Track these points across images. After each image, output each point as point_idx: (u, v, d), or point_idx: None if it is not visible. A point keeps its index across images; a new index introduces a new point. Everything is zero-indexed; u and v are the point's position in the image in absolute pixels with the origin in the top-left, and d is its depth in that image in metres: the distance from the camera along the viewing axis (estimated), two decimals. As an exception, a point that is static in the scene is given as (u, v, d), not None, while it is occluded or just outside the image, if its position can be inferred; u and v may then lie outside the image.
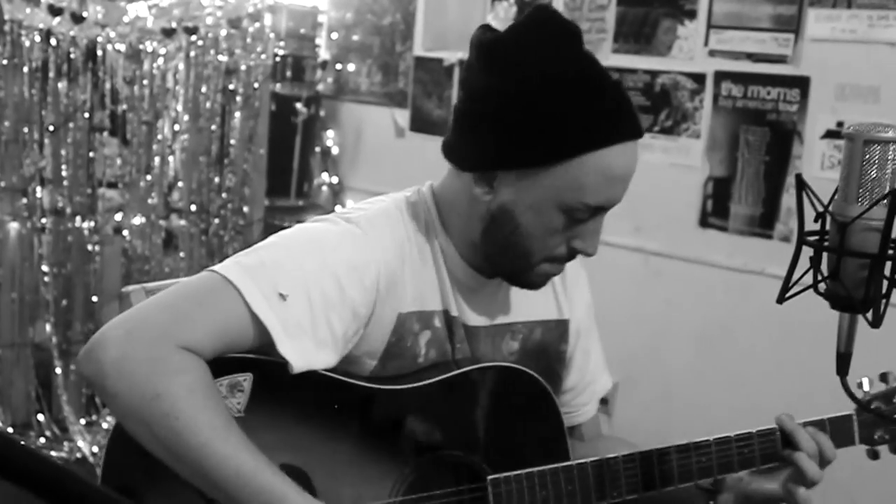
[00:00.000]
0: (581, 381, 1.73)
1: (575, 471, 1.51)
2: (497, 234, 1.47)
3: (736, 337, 3.48)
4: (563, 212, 1.42)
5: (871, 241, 1.19)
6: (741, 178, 3.44)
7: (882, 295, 1.21)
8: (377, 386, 1.47)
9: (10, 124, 3.74)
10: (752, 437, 1.58)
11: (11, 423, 3.84)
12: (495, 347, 1.60)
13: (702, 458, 1.56)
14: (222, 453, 1.29)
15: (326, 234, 1.45)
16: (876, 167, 1.18)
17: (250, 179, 4.27)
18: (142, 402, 1.29)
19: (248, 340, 1.37)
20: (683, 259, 3.62)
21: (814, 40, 3.25)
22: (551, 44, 1.42)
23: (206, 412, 1.30)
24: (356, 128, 4.83)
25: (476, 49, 1.46)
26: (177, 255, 4.18)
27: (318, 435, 1.44)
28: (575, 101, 1.39)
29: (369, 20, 4.68)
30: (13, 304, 3.86)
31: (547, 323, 1.66)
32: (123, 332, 1.32)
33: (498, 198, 1.45)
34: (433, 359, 1.53)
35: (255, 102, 4.21)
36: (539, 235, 1.44)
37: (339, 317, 1.40)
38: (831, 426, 1.61)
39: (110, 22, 3.88)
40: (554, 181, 1.40)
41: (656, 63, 3.65)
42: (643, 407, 3.73)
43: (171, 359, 1.30)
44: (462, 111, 1.49)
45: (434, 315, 1.52)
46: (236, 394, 1.38)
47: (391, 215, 1.51)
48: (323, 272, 1.40)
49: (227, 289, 1.35)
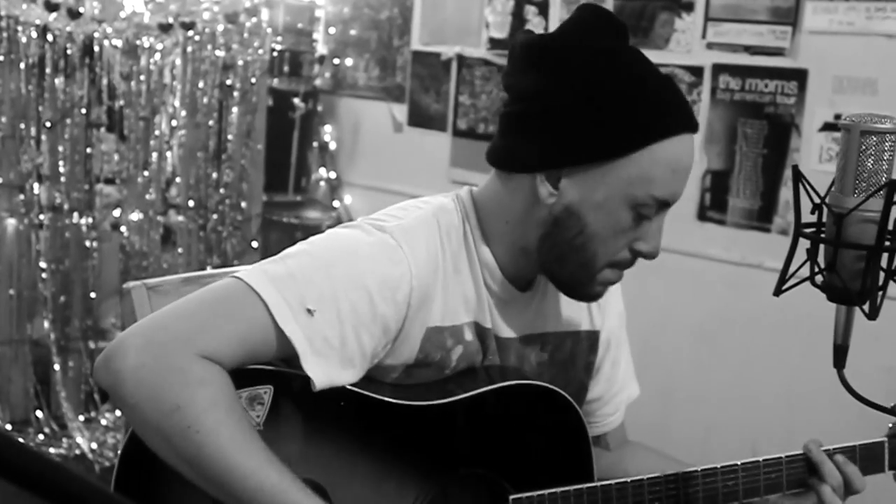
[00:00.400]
0: (608, 391, 1.70)
1: (599, 492, 1.46)
2: (560, 238, 1.41)
3: (734, 330, 3.47)
4: (631, 208, 1.38)
5: (868, 233, 1.18)
6: (739, 172, 3.44)
7: (878, 287, 1.20)
8: (399, 401, 1.42)
9: (6, 120, 3.73)
10: (780, 463, 1.54)
11: (10, 420, 3.84)
12: (524, 358, 1.56)
13: (728, 482, 1.52)
14: (245, 468, 1.25)
15: (359, 245, 1.39)
16: (872, 158, 1.18)
17: (248, 175, 4.26)
18: (161, 413, 1.25)
19: (271, 352, 1.33)
20: (682, 252, 3.61)
21: (811, 32, 3.25)
22: (605, 39, 1.40)
23: (228, 426, 1.26)
24: (354, 123, 4.82)
25: (524, 49, 1.43)
26: (175, 250, 4.17)
27: (337, 449, 1.40)
28: (640, 92, 1.38)
29: (366, 14, 4.67)
30: (11, 301, 3.85)
31: (578, 334, 1.62)
32: (143, 341, 1.28)
33: (563, 198, 1.40)
34: (461, 370, 1.49)
35: (252, 98, 4.21)
36: (606, 237, 1.39)
37: (369, 333, 1.36)
38: (861, 452, 1.57)
39: (107, 17, 3.87)
40: (623, 174, 1.36)
41: (654, 56, 3.56)
42: (642, 400, 3.70)
43: (193, 369, 1.26)
44: (516, 114, 1.44)
45: (465, 328, 1.47)
46: (256, 406, 1.34)
47: (428, 225, 1.44)
48: (354, 286, 1.34)
49: (253, 299, 1.31)
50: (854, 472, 1.53)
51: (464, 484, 1.48)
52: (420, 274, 1.39)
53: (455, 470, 1.47)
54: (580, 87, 1.37)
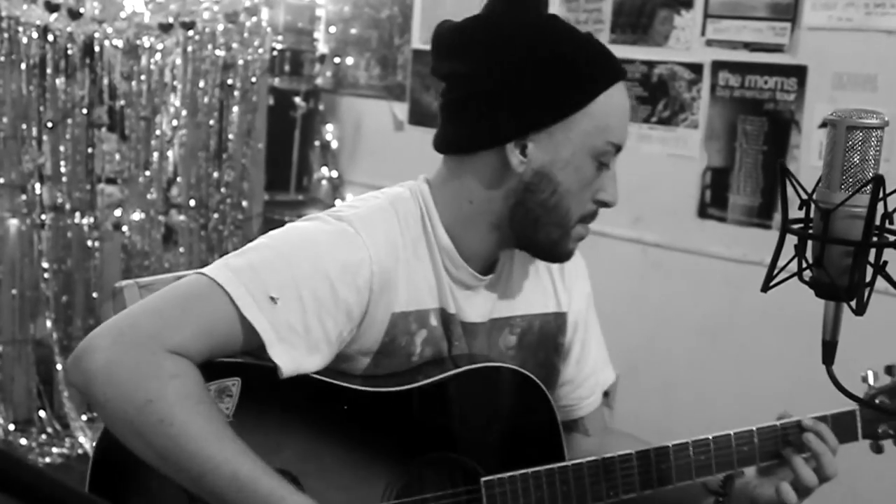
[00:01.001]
0: (579, 373, 1.72)
1: (570, 471, 1.50)
2: (534, 201, 1.47)
3: (735, 327, 3.47)
4: (594, 158, 1.46)
5: (855, 228, 1.18)
6: (739, 169, 3.43)
7: (866, 283, 1.20)
8: (368, 388, 1.45)
9: (8, 121, 3.74)
10: (751, 436, 1.57)
11: (13, 420, 3.85)
12: (491, 343, 1.58)
13: (700, 456, 1.55)
14: (218, 459, 1.27)
15: (318, 234, 1.43)
16: (858, 153, 1.17)
17: (249, 174, 4.27)
18: (133, 408, 1.27)
19: (237, 344, 1.36)
20: (682, 250, 3.61)
21: (811, 29, 3.24)
22: (529, 10, 1.49)
23: (200, 418, 1.28)
24: (355, 121, 4.82)
25: (457, 35, 1.50)
26: (176, 250, 4.18)
27: (307, 438, 1.42)
28: (579, 49, 1.46)
29: (367, 13, 4.67)
30: (13, 301, 3.86)
31: (545, 316, 1.65)
32: (111, 338, 1.31)
33: (533, 163, 1.45)
34: (428, 356, 1.51)
35: (252, 97, 4.21)
36: (576, 191, 1.47)
37: (332, 319, 1.39)
38: (833, 422, 1.60)
39: (107, 17, 3.87)
40: (583, 127, 1.44)
41: (653, 53, 3.63)
42: (644, 398, 3.72)
43: (162, 363, 1.29)
44: (464, 97, 1.49)
45: (430, 313, 1.50)
46: (225, 398, 1.36)
47: (385, 213, 1.48)
48: (315, 274, 1.38)
49: (217, 292, 1.33)
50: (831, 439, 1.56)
51: (435, 468, 1.50)
52: (380, 259, 1.42)
53: (426, 455, 1.49)
54: (527, 54, 1.44)
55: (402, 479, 1.47)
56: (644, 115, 3.67)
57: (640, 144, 3.69)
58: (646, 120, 3.66)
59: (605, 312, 3.76)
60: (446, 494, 1.49)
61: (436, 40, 1.52)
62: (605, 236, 3.82)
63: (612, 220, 3.80)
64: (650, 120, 3.65)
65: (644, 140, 3.68)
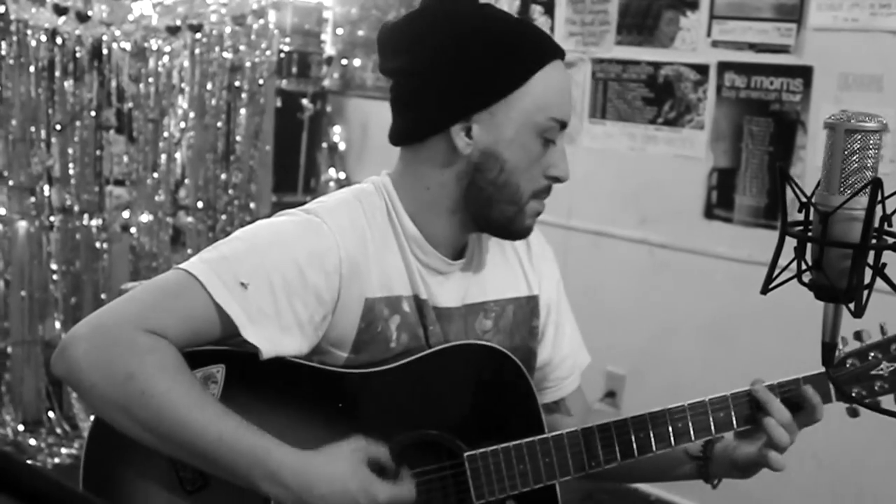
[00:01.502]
0: (556, 354, 1.76)
1: (551, 443, 1.54)
2: (484, 181, 1.51)
3: (741, 328, 3.47)
4: (538, 135, 1.51)
5: (854, 231, 1.18)
6: (745, 169, 3.44)
7: (865, 285, 1.21)
8: (349, 370, 1.50)
9: (17, 123, 3.77)
10: (726, 400, 1.62)
11: (22, 420, 3.88)
12: (468, 327, 1.63)
13: (678, 423, 1.60)
14: (202, 422, 1.33)
15: (285, 226, 1.49)
16: (857, 157, 1.18)
17: (256, 176, 4.28)
18: (116, 385, 1.33)
19: (214, 330, 1.41)
20: (688, 251, 3.62)
21: (816, 29, 3.24)
22: (461, 2, 1.55)
23: (179, 386, 1.35)
24: (362, 123, 4.84)
25: (397, 32, 1.56)
26: (184, 251, 4.20)
27: (292, 421, 1.46)
28: (514, 30, 1.53)
29: (374, 16, 4.68)
30: (23, 302, 3.89)
31: (518, 300, 1.69)
32: (91, 327, 1.38)
33: (479, 144, 1.50)
34: (405, 343, 1.55)
35: (260, 99, 4.23)
36: (524, 168, 1.51)
37: (302, 302, 1.44)
38: (805, 383, 1.64)
39: (115, 20, 3.90)
40: (523, 105, 1.49)
41: (659, 54, 3.64)
42: (650, 398, 3.70)
43: (139, 340, 1.35)
44: (410, 89, 1.55)
45: (402, 300, 1.55)
46: (210, 385, 1.42)
47: (350, 204, 1.54)
48: (284, 260, 1.43)
49: (191, 282, 1.39)
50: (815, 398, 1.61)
51: (418, 446, 1.53)
52: (346, 245, 1.47)
53: (409, 433, 1.52)
54: (461, 42, 1.50)
55: None
56: (650, 116, 3.67)
57: (646, 145, 3.70)
58: (652, 121, 3.67)
59: (611, 312, 3.80)
60: (430, 470, 1.53)
61: (380, 40, 1.58)
62: (611, 237, 3.83)
63: (618, 221, 3.82)
64: (656, 121, 3.66)
65: (650, 141, 3.69)
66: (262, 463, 1.34)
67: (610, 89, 3.76)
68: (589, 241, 3.86)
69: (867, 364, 1.66)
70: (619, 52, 3.74)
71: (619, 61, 3.73)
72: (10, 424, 3.84)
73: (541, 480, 1.54)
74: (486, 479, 1.51)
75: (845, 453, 1.63)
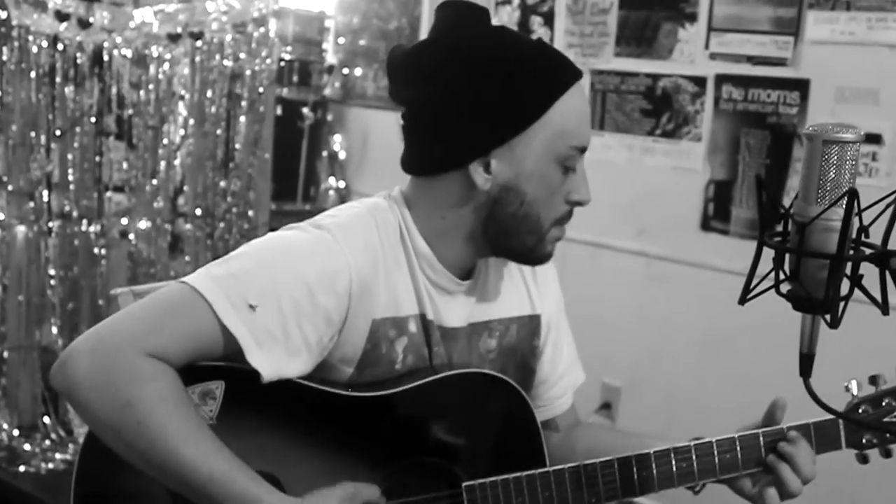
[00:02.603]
0: (553, 373, 1.74)
1: (552, 477, 1.51)
2: (503, 214, 1.48)
3: (738, 341, 3.46)
4: (559, 164, 1.47)
5: (831, 242, 1.18)
6: (742, 182, 3.44)
7: (842, 296, 1.20)
8: (350, 393, 1.47)
9: (17, 128, 3.77)
10: (734, 442, 1.58)
11: (18, 425, 3.88)
12: (472, 347, 1.60)
13: (682, 463, 1.56)
14: (194, 459, 1.30)
15: (296, 242, 1.45)
16: (835, 168, 1.18)
17: (255, 184, 4.28)
18: (113, 411, 1.30)
19: (218, 350, 1.37)
20: (685, 263, 3.61)
21: (813, 42, 3.24)
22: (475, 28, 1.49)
23: (176, 419, 1.31)
24: (363, 132, 4.85)
25: (410, 60, 1.51)
26: (182, 258, 4.20)
27: (290, 441, 1.44)
28: (530, 59, 1.47)
29: (375, 25, 4.69)
30: (20, 307, 3.89)
31: (521, 319, 1.67)
32: (92, 344, 1.33)
33: (498, 179, 1.47)
34: (411, 364, 1.53)
35: (260, 107, 4.23)
36: (545, 199, 1.48)
37: (311, 324, 1.40)
38: (816, 430, 1.61)
39: (116, 27, 3.91)
40: (543, 136, 1.45)
41: (658, 66, 3.64)
42: (646, 411, 3.72)
43: (140, 367, 1.31)
44: (423, 122, 1.50)
45: (409, 320, 1.52)
46: (208, 401, 1.39)
47: (364, 221, 1.50)
48: (293, 280, 1.39)
49: (197, 300, 1.35)
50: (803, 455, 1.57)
51: (417, 472, 1.51)
52: (358, 265, 1.43)
53: (408, 459, 1.50)
54: (477, 75, 1.44)
55: (385, 484, 1.48)
56: (648, 127, 3.68)
57: (643, 157, 3.70)
58: (650, 133, 3.67)
59: (608, 324, 3.79)
60: (428, 499, 1.51)
61: (390, 66, 1.54)
62: (608, 248, 3.82)
63: (615, 232, 3.81)
64: (654, 133, 3.66)
65: (648, 153, 3.69)
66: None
67: (608, 101, 3.77)
68: (586, 252, 3.86)
69: (880, 411, 1.64)
70: (618, 63, 3.75)
71: (618, 73, 3.74)
72: (6, 429, 3.84)
73: None
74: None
75: (839, 460, 1.62)
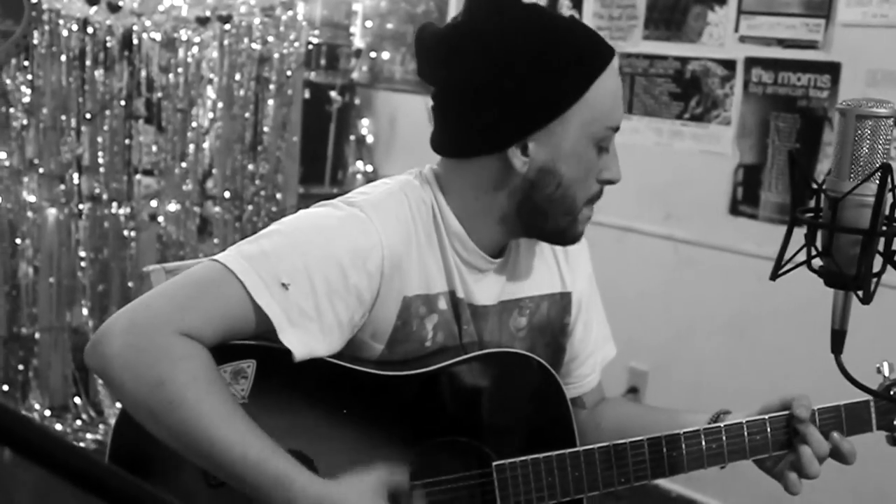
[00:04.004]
0: (582, 351, 1.74)
1: (581, 457, 1.50)
2: (540, 196, 1.48)
3: (765, 325, 3.45)
4: (594, 145, 1.47)
5: (864, 217, 1.18)
6: (771, 166, 3.42)
7: (875, 272, 1.20)
8: (381, 372, 1.47)
9: (48, 112, 3.81)
10: (764, 424, 1.57)
11: (49, 406, 3.93)
12: (502, 325, 1.60)
13: (712, 444, 1.55)
14: (228, 439, 1.29)
15: (329, 220, 1.44)
16: (868, 143, 1.17)
17: (283, 167, 4.30)
18: (146, 390, 1.30)
19: (250, 328, 1.37)
20: (713, 247, 3.60)
21: (844, 25, 3.21)
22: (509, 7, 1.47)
23: (210, 398, 1.30)
24: (390, 116, 4.85)
25: (443, 40, 1.49)
26: (211, 241, 4.23)
27: (321, 420, 1.44)
28: (567, 39, 1.45)
29: (403, 8, 4.69)
30: (51, 289, 3.93)
31: (552, 296, 1.67)
32: (126, 323, 1.33)
33: (536, 162, 1.46)
34: (441, 342, 1.53)
35: (288, 90, 4.25)
36: (581, 179, 1.48)
37: (343, 303, 1.40)
38: (847, 412, 1.60)
39: (146, 11, 3.93)
40: (580, 118, 1.44)
41: (687, 50, 3.62)
42: (673, 395, 3.71)
43: (174, 346, 1.31)
44: (458, 103, 1.48)
45: (439, 297, 1.52)
46: (240, 380, 1.39)
47: (397, 198, 1.49)
48: (326, 259, 1.39)
49: (229, 278, 1.35)
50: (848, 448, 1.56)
51: (447, 452, 1.51)
52: (391, 243, 1.43)
53: (438, 438, 1.50)
54: (511, 57, 1.43)
55: (415, 463, 1.49)
56: (677, 111, 3.66)
57: (672, 141, 3.69)
58: (678, 116, 3.66)
59: (635, 308, 3.78)
60: (458, 478, 1.50)
61: (420, 46, 1.51)
62: (636, 232, 3.82)
63: (643, 217, 3.80)
64: (683, 116, 3.64)
65: (676, 136, 3.67)
66: (283, 489, 1.29)
67: (637, 84, 3.75)
68: (614, 236, 3.85)
69: None
70: (647, 46, 3.73)
71: (647, 56, 3.72)
72: (37, 409, 3.89)
73: (568, 494, 1.50)
74: (513, 489, 1.48)
75: (867, 450, 1.61)
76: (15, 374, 3.89)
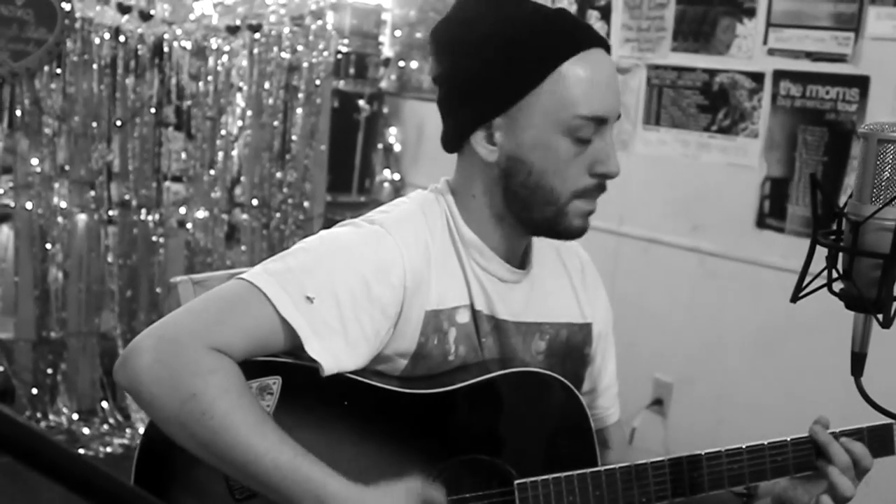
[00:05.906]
0: (601, 383, 1.74)
1: (603, 476, 1.50)
2: (516, 185, 1.49)
3: (791, 339, 3.43)
4: (565, 134, 1.45)
5: (884, 241, 1.18)
6: (799, 179, 3.40)
7: (895, 296, 1.20)
8: (404, 390, 1.48)
9: (79, 119, 3.85)
10: (786, 446, 1.57)
11: (77, 410, 3.96)
12: (525, 345, 1.60)
13: (733, 465, 1.55)
14: (259, 449, 1.30)
15: (351, 237, 1.47)
16: (890, 167, 1.18)
17: (311, 175, 4.33)
18: (177, 403, 1.31)
19: (278, 343, 1.39)
20: (739, 260, 3.59)
21: (874, 39, 3.20)
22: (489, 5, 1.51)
23: (240, 409, 1.32)
24: (418, 125, 4.87)
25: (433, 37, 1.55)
26: (238, 248, 4.26)
27: (344, 437, 1.45)
28: (528, 27, 1.46)
29: (432, 18, 4.71)
30: (80, 294, 3.97)
31: (571, 326, 1.67)
32: (156, 339, 1.35)
33: (503, 150, 1.48)
34: (463, 355, 1.53)
35: (316, 99, 4.27)
36: (555, 169, 1.46)
37: (368, 316, 1.42)
38: (869, 435, 1.59)
39: (177, 19, 3.97)
40: (541, 106, 1.45)
41: (715, 62, 3.61)
42: (698, 408, 3.70)
43: (204, 359, 1.33)
44: (441, 99, 1.55)
45: (459, 310, 1.53)
46: (266, 396, 1.40)
47: (414, 216, 1.52)
48: (350, 273, 1.41)
49: (256, 294, 1.38)
50: (860, 449, 1.56)
51: (469, 470, 1.51)
52: (411, 259, 1.46)
53: (460, 456, 1.50)
54: (476, 47, 1.46)
55: (437, 480, 1.48)
56: (704, 123, 3.65)
57: (699, 153, 3.68)
58: (706, 128, 3.65)
59: (660, 320, 3.77)
60: (480, 496, 1.51)
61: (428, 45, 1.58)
62: (662, 244, 3.81)
63: (669, 228, 3.80)
64: (710, 128, 3.64)
65: (703, 149, 3.67)
66: (315, 493, 1.31)
67: (665, 96, 3.75)
68: (640, 248, 3.85)
69: None
70: (675, 58, 3.73)
71: (675, 68, 3.72)
72: (66, 413, 3.93)
73: None
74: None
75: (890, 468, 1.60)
76: (44, 377, 3.93)
